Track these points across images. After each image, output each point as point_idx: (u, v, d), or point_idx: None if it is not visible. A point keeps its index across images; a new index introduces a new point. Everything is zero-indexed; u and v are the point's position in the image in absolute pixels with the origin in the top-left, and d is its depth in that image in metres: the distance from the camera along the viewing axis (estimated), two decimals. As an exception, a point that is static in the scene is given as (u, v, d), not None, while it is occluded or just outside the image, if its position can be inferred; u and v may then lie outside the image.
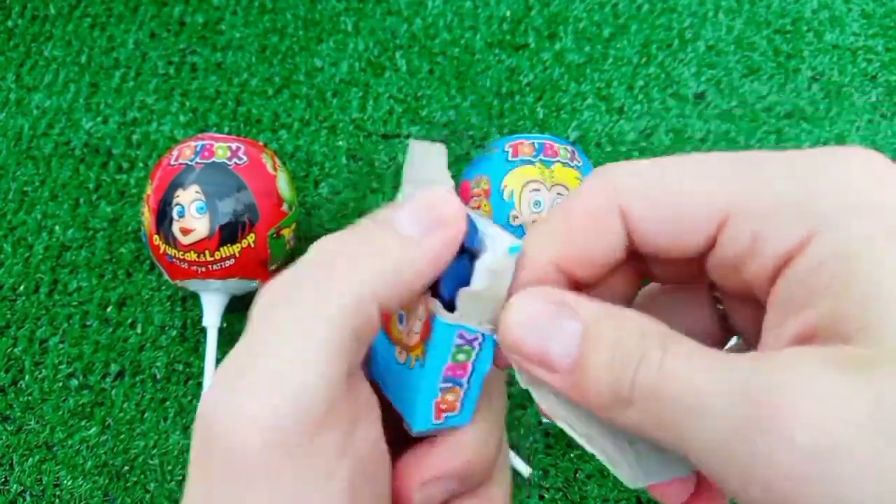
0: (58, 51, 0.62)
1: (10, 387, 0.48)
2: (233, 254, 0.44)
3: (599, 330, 0.17)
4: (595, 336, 0.17)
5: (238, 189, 0.44)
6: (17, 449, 0.46)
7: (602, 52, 0.60)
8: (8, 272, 0.52)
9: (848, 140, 0.55)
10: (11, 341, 0.49)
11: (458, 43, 0.61)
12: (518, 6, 0.63)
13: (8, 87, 0.61)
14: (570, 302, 0.17)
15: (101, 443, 0.46)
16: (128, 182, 0.55)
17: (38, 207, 0.55)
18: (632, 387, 0.16)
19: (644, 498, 0.43)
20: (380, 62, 0.60)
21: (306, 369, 0.16)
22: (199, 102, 0.59)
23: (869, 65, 0.59)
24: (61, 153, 0.57)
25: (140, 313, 0.50)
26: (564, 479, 0.44)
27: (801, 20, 0.61)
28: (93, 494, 0.44)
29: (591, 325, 0.17)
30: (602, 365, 0.16)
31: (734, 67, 0.59)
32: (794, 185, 0.16)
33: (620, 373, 0.16)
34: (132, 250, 0.52)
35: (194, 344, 0.49)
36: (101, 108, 0.59)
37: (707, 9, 0.62)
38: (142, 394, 0.47)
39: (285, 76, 0.60)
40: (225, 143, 0.45)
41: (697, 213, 0.17)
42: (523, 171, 0.43)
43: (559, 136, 0.52)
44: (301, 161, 0.56)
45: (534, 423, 0.45)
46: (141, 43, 0.63)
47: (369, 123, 0.57)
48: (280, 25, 0.63)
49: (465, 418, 0.20)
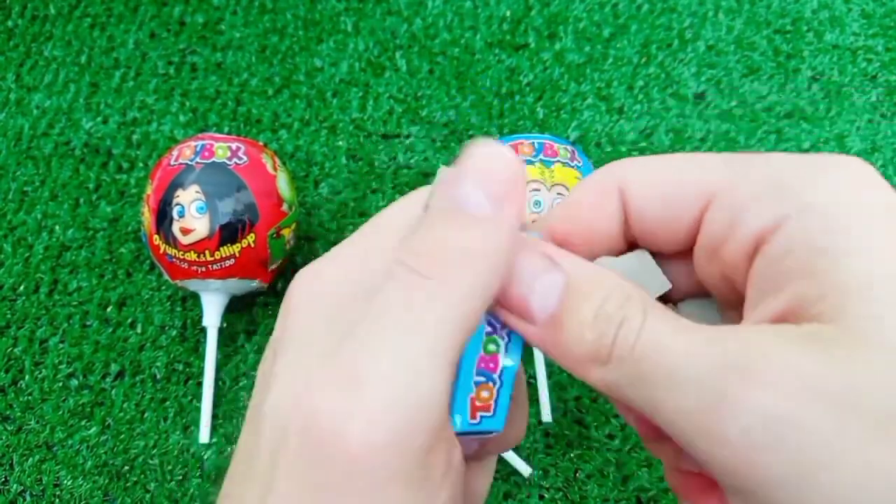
0: (58, 51, 0.62)
1: (10, 387, 0.48)
2: (233, 254, 0.44)
3: (583, 287, 0.17)
4: (578, 291, 0.17)
5: (238, 189, 0.44)
6: (17, 449, 0.46)
7: (602, 52, 0.60)
8: (8, 272, 0.52)
9: (848, 140, 0.55)
10: (11, 341, 0.49)
11: (458, 43, 0.61)
12: (518, 6, 0.63)
13: (8, 87, 0.61)
14: (557, 255, 0.17)
15: (101, 443, 0.46)
16: (128, 182, 0.55)
17: (38, 207, 0.55)
18: (611, 347, 0.16)
19: (644, 498, 0.43)
20: (380, 62, 0.60)
21: (427, 378, 0.15)
22: (199, 102, 0.59)
23: (869, 65, 0.59)
24: (61, 153, 0.57)
25: (140, 313, 0.50)
26: (564, 479, 0.44)
27: (801, 20, 0.61)
28: (93, 494, 0.44)
29: (574, 280, 0.17)
30: (583, 322, 0.16)
31: (734, 67, 0.59)
32: (775, 176, 0.16)
33: (601, 331, 0.16)
34: (132, 250, 0.52)
35: (194, 344, 0.49)
36: (101, 108, 0.59)
37: (707, 9, 0.62)
38: (142, 394, 0.47)
39: (285, 76, 0.60)
40: (225, 143, 0.45)
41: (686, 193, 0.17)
42: (523, 171, 0.43)
43: (559, 136, 0.52)
44: (301, 161, 0.56)
45: (534, 422, 0.45)
46: (141, 43, 0.63)
47: (369, 123, 0.57)
48: (280, 25, 0.63)
49: (499, 424, 0.19)
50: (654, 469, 0.44)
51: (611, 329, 0.16)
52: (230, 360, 0.48)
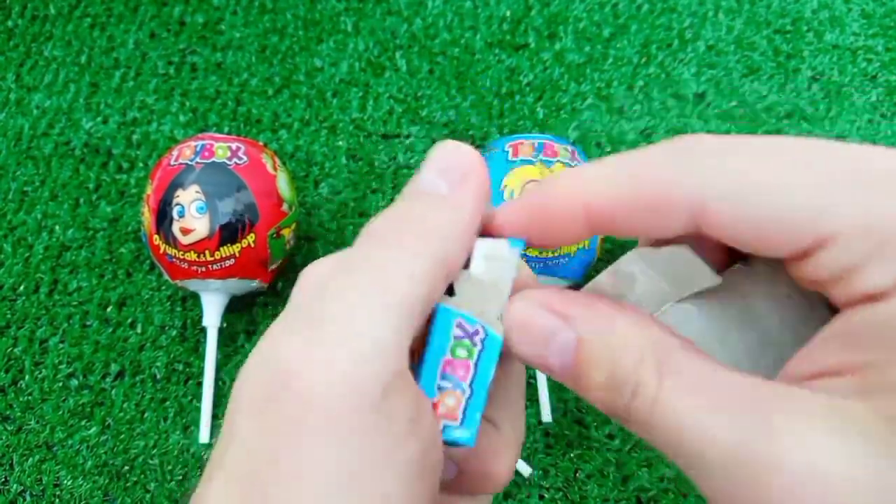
0: (58, 51, 0.62)
1: (10, 387, 0.48)
2: (233, 254, 0.44)
3: (594, 348, 0.17)
4: (589, 355, 0.17)
5: (238, 189, 0.44)
6: (17, 449, 0.46)
7: (602, 52, 0.60)
8: (8, 272, 0.52)
9: (848, 140, 0.55)
10: (11, 341, 0.49)
11: (458, 43, 0.61)
12: (518, 6, 0.63)
13: (8, 87, 0.61)
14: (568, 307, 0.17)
15: (101, 443, 0.46)
16: (128, 182, 0.55)
17: (38, 207, 0.55)
18: (627, 410, 0.16)
19: (644, 498, 0.43)
20: (380, 62, 0.60)
21: (382, 326, 0.16)
22: (199, 102, 0.59)
23: (869, 65, 0.59)
24: (61, 153, 0.57)
25: (140, 313, 0.50)
26: (564, 479, 0.44)
27: (801, 20, 0.61)
28: (93, 494, 0.44)
29: (585, 340, 0.17)
30: (599, 384, 0.16)
31: (734, 67, 0.59)
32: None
33: (616, 395, 0.16)
34: (132, 250, 0.52)
35: (194, 344, 0.49)
36: (101, 108, 0.59)
37: (707, 9, 0.62)
38: (142, 394, 0.47)
39: (285, 76, 0.60)
40: (225, 143, 0.45)
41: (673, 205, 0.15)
42: (523, 171, 0.43)
43: (559, 136, 0.52)
44: (301, 161, 0.56)
45: (534, 422, 0.45)
46: (141, 43, 0.63)
47: (369, 123, 0.57)
48: (280, 25, 0.63)
49: (469, 438, 0.18)
50: (654, 469, 0.44)
51: (625, 395, 0.16)
52: (230, 360, 0.48)
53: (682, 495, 0.43)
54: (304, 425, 0.15)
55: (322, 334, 0.16)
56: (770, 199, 0.14)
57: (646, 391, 0.15)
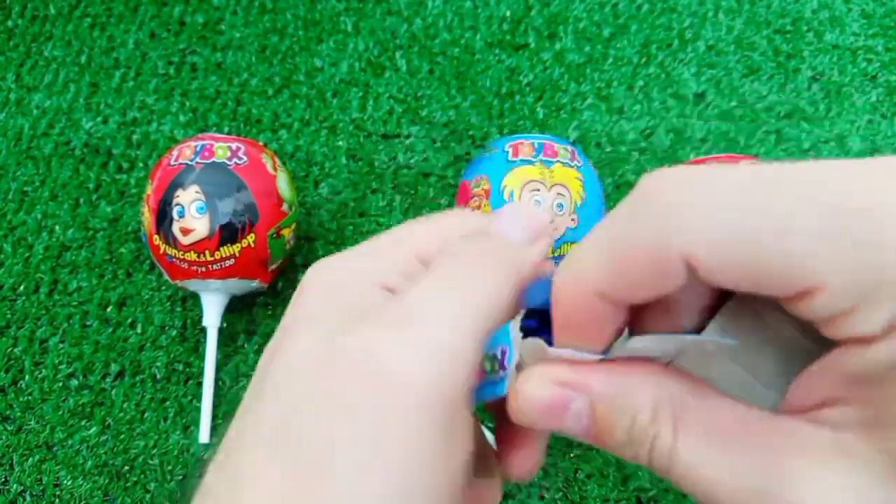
0: (58, 51, 0.62)
1: (10, 387, 0.48)
2: (233, 254, 0.44)
3: (608, 411, 0.17)
4: (605, 419, 0.17)
5: (238, 189, 0.44)
6: (17, 449, 0.46)
7: (602, 52, 0.60)
8: (8, 272, 0.52)
9: (848, 140, 0.55)
10: (11, 341, 0.49)
11: (458, 43, 0.61)
12: (518, 6, 0.63)
13: (8, 87, 0.61)
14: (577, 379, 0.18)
15: (101, 443, 0.46)
16: (128, 182, 0.55)
17: (38, 207, 0.55)
18: (649, 461, 0.17)
19: (644, 498, 0.43)
20: (380, 62, 0.60)
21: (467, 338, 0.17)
22: (199, 102, 0.59)
23: (869, 65, 0.59)
24: (61, 153, 0.57)
25: (140, 313, 0.50)
26: (564, 479, 0.44)
27: (801, 20, 0.61)
28: (93, 494, 0.44)
29: (598, 406, 0.17)
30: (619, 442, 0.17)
31: (734, 67, 0.59)
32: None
33: (638, 449, 0.17)
34: (132, 250, 0.52)
35: (194, 344, 0.49)
36: (101, 108, 0.59)
37: (707, 9, 0.62)
38: (142, 394, 0.47)
39: (285, 76, 0.60)
40: (225, 143, 0.45)
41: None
42: (523, 171, 0.43)
43: (559, 136, 0.52)
44: (301, 161, 0.56)
45: (534, 423, 0.45)
46: (141, 43, 0.63)
47: (369, 123, 0.57)
48: (280, 25, 0.63)
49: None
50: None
51: (644, 448, 0.17)
52: (230, 360, 0.48)
53: (682, 495, 0.43)
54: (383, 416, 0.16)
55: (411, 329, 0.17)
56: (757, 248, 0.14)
57: (663, 444, 0.16)
